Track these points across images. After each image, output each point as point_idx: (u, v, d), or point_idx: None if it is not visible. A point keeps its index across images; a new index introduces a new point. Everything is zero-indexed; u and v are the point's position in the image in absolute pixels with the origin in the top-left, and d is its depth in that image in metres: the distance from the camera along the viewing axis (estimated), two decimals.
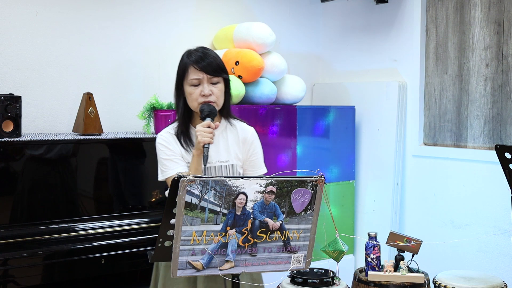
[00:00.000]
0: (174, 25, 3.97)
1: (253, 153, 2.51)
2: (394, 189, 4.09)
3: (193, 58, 2.38)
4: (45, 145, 3.08)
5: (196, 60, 2.36)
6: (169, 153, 2.40)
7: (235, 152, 2.47)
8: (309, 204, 1.95)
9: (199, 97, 2.36)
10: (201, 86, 2.36)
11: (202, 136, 2.25)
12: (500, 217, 3.54)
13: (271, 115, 3.76)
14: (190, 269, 1.84)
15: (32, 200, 3.04)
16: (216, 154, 2.42)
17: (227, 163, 2.45)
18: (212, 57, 2.39)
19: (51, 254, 2.87)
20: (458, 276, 2.88)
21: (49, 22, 3.50)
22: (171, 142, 2.42)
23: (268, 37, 3.78)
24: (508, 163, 2.42)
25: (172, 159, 2.39)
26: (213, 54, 2.42)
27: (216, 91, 2.38)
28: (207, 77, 2.36)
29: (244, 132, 2.51)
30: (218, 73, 2.38)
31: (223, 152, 2.45)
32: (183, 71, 2.40)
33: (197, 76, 2.36)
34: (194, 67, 2.36)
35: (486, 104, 3.67)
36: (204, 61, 2.36)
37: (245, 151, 2.49)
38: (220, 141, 2.45)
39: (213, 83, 2.38)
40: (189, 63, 2.37)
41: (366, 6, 4.34)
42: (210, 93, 2.36)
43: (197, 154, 2.29)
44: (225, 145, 2.46)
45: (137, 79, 3.84)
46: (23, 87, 3.41)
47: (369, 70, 4.35)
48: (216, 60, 2.40)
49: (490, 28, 3.63)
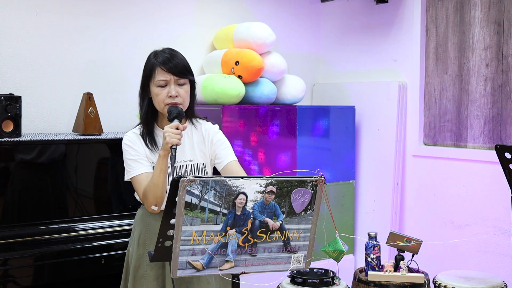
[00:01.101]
0: (174, 25, 3.98)
1: (219, 145, 2.49)
2: (394, 189, 4.09)
3: (160, 59, 2.39)
4: (45, 145, 3.08)
5: (163, 61, 2.37)
6: (134, 153, 2.42)
7: (200, 151, 2.48)
8: (309, 204, 1.95)
9: (166, 98, 2.37)
10: (168, 87, 2.37)
11: (170, 137, 2.25)
12: (500, 217, 3.54)
13: (271, 115, 3.76)
14: (190, 269, 1.84)
15: (32, 200, 3.04)
16: (181, 153, 2.43)
17: (192, 162, 2.46)
18: (179, 59, 2.41)
19: (51, 254, 2.87)
20: (458, 276, 2.88)
21: (49, 22, 3.50)
22: (136, 142, 2.44)
23: (268, 37, 3.78)
24: (508, 163, 2.42)
25: (137, 159, 2.41)
26: (180, 56, 2.43)
27: (182, 93, 2.39)
28: (174, 79, 2.37)
29: (207, 130, 2.52)
30: (184, 75, 2.39)
31: (188, 151, 2.46)
32: (149, 71, 2.41)
33: (164, 78, 2.37)
34: (161, 68, 2.37)
35: (486, 104, 3.67)
36: (171, 63, 2.37)
37: (211, 147, 2.50)
38: (186, 141, 2.46)
39: (180, 84, 2.39)
40: (156, 64, 2.38)
41: (366, 6, 4.34)
42: (176, 94, 2.37)
43: (163, 154, 2.29)
44: (190, 144, 2.47)
45: (137, 79, 3.80)
46: (23, 87, 3.41)
47: (369, 70, 4.35)
48: (183, 61, 2.42)
49: (490, 28, 3.63)
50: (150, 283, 2.39)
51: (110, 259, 3.02)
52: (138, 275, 2.42)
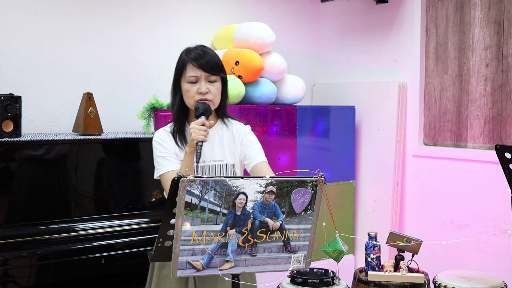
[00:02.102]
0: (174, 25, 3.97)
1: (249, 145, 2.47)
2: (394, 189, 4.09)
3: (192, 55, 2.38)
4: (45, 145, 3.08)
5: (195, 58, 2.36)
6: (163, 150, 2.41)
7: (230, 151, 2.47)
8: (309, 204, 1.95)
9: (196, 95, 2.36)
10: (198, 84, 2.36)
11: (196, 134, 2.24)
12: (500, 217, 3.54)
13: (271, 115, 3.76)
14: (190, 269, 1.84)
15: (32, 200, 3.04)
16: (211, 153, 2.42)
17: (221, 163, 2.45)
18: (211, 56, 2.39)
19: (51, 254, 2.87)
20: (458, 276, 2.88)
21: (49, 22, 3.50)
22: (166, 140, 2.42)
23: (268, 37, 3.78)
24: (508, 163, 2.42)
25: (165, 157, 2.40)
26: (212, 53, 2.42)
27: (213, 90, 2.38)
28: (205, 75, 2.36)
29: (238, 130, 2.50)
30: (216, 72, 2.38)
31: (217, 151, 2.45)
32: (181, 68, 2.40)
33: (195, 74, 2.36)
34: (192, 65, 2.36)
35: (486, 104, 3.67)
36: (203, 59, 2.36)
37: (241, 148, 2.48)
38: (215, 140, 2.45)
39: (211, 81, 2.38)
40: (188, 60, 2.37)
41: (366, 6, 4.34)
42: (207, 91, 2.36)
43: (189, 151, 2.29)
44: (220, 144, 2.46)
45: (137, 79, 3.84)
46: (23, 87, 3.41)
47: (369, 70, 4.35)
48: (215, 58, 2.40)
49: (490, 28, 3.63)
50: (173, 283, 2.38)
51: (110, 259, 3.01)
52: (162, 275, 2.41)
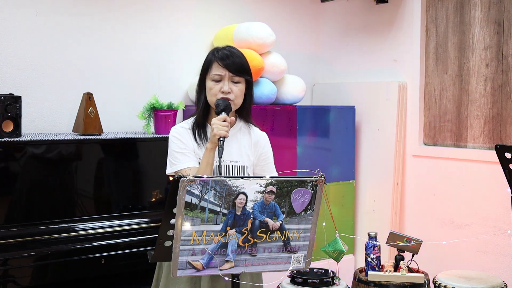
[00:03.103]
0: (174, 25, 3.97)
1: (265, 157, 2.54)
2: (394, 189, 4.09)
3: (219, 54, 2.40)
4: (45, 145, 3.08)
5: (221, 57, 2.39)
6: (182, 146, 2.41)
7: (247, 154, 2.48)
8: (309, 204, 1.95)
9: (218, 93, 2.37)
10: (222, 83, 2.38)
11: (218, 129, 2.25)
12: (500, 217, 3.54)
13: (271, 115, 3.75)
14: (190, 269, 1.84)
15: (32, 200, 3.04)
16: (228, 154, 2.42)
17: (238, 164, 2.45)
18: (237, 56, 2.41)
19: (51, 254, 2.87)
20: (458, 276, 2.88)
21: (49, 22, 3.50)
22: (185, 136, 2.43)
23: (268, 37, 3.78)
24: (508, 163, 2.42)
25: (185, 153, 2.40)
26: (239, 54, 2.43)
27: (236, 90, 2.39)
28: (229, 75, 2.38)
29: (256, 135, 2.53)
30: (240, 73, 2.39)
31: (235, 152, 2.45)
32: (207, 65, 2.42)
33: (219, 72, 2.38)
34: (218, 63, 2.38)
35: (486, 104, 3.67)
36: (228, 59, 2.38)
37: (256, 154, 2.51)
38: (233, 142, 2.45)
39: (234, 81, 2.39)
40: (214, 59, 2.40)
41: (366, 6, 4.34)
42: (229, 90, 2.37)
43: (210, 147, 2.29)
44: (237, 146, 2.47)
45: (137, 79, 3.83)
46: (23, 87, 3.41)
47: (369, 70, 4.35)
48: (241, 60, 2.42)
49: (490, 28, 3.63)
50: (183, 283, 2.37)
51: (110, 259, 3.01)
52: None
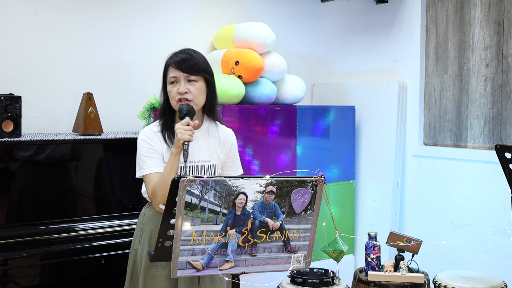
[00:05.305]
0: (174, 25, 3.98)
1: (232, 154, 2.55)
2: (394, 189, 4.09)
3: (173, 58, 2.44)
4: (45, 145, 3.08)
5: (175, 60, 2.42)
6: (151, 150, 2.41)
7: (216, 153, 2.49)
8: (309, 204, 1.95)
9: (176, 95, 2.39)
10: (178, 84, 2.39)
11: (182, 134, 2.25)
12: (500, 217, 3.54)
13: (271, 115, 3.76)
14: (190, 269, 1.84)
15: (32, 200, 3.04)
16: (199, 153, 2.44)
17: (209, 163, 2.46)
18: (190, 56, 2.42)
19: (51, 254, 2.87)
20: (458, 276, 2.88)
21: (49, 22, 3.50)
22: (154, 140, 2.43)
23: (268, 37, 3.78)
24: (508, 163, 2.42)
25: (152, 157, 2.40)
26: (193, 54, 2.44)
27: (193, 90, 2.39)
28: (183, 75, 2.39)
29: (224, 133, 2.54)
30: (195, 72, 2.40)
31: (205, 152, 2.47)
32: (165, 71, 2.46)
33: (174, 74, 2.40)
34: (172, 67, 2.41)
35: (486, 104, 3.67)
36: (182, 60, 2.40)
37: (225, 152, 2.52)
38: (203, 141, 2.46)
39: (191, 81, 2.40)
40: (169, 63, 2.43)
41: (366, 6, 4.34)
42: (186, 90, 2.38)
43: (176, 152, 2.29)
44: (207, 145, 2.48)
45: (137, 79, 3.84)
46: (23, 87, 3.41)
47: (369, 70, 4.35)
48: (195, 59, 2.42)
49: (490, 28, 3.63)
50: (161, 283, 2.37)
51: (110, 259, 3.02)
52: (149, 275, 2.40)
